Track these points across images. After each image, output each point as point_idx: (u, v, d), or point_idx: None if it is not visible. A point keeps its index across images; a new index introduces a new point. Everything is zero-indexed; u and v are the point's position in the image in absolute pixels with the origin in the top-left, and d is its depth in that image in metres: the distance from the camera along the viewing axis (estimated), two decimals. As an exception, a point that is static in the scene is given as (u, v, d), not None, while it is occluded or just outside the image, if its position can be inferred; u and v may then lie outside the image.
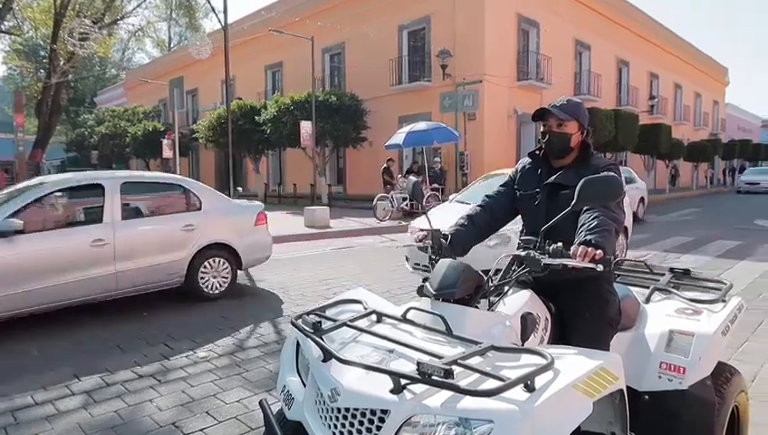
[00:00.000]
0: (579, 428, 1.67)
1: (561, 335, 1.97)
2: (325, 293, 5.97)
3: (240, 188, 15.08)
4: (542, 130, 2.12)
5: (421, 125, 14.37)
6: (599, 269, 1.60)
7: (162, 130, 27.28)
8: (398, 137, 14.35)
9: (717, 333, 2.12)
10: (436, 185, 15.20)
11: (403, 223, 13.23)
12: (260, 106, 21.52)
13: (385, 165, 15.78)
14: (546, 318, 1.90)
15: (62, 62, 18.37)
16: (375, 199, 13.86)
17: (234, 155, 23.53)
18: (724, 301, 2.38)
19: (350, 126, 19.77)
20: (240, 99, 23.78)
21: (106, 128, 31.76)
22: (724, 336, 2.18)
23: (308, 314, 1.71)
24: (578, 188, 1.68)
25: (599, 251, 1.63)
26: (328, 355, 1.46)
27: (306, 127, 17.86)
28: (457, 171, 15.54)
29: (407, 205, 14.34)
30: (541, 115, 2.09)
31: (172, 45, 47.86)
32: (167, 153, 14.44)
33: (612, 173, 1.77)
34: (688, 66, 35.74)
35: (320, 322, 1.58)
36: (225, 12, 10.65)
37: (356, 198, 20.70)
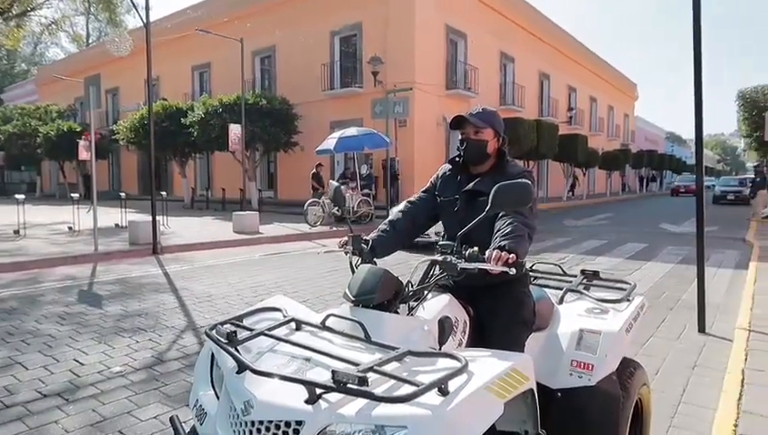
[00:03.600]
0: (494, 428, 1.73)
1: (479, 337, 2.02)
2: (252, 301, 5.81)
3: (164, 193, 14.41)
4: (460, 137, 2.17)
5: (352, 131, 14.40)
6: (511, 272, 1.66)
7: (79, 130, 25.54)
8: (330, 142, 14.30)
9: (622, 330, 2.26)
10: (367, 190, 15.27)
11: (334, 228, 13.18)
12: (186, 108, 20.71)
13: (314, 170, 15.67)
14: (465, 321, 1.95)
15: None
16: (306, 205, 13.72)
17: (158, 158, 22.52)
18: (628, 300, 2.54)
19: (281, 130, 19.47)
20: (165, 99, 22.78)
21: (14, 127, 29.24)
22: (628, 333, 2.32)
23: (223, 323, 1.65)
24: (491, 194, 1.74)
25: (512, 255, 1.69)
26: (242, 367, 1.41)
27: (235, 130, 17.40)
28: (388, 177, 15.69)
29: (338, 210, 14.27)
30: (458, 123, 2.14)
31: (91, 41, 45.10)
32: (83, 155, 13.48)
33: (525, 180, 1.84)
34: (602, 81, 38.32)
35: (235, 332, 1.53)
36: (146, 8, 10.15)
37: (287, 203, 20.39)
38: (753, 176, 22.38)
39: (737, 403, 3.13)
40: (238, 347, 1.53)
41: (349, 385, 1.22)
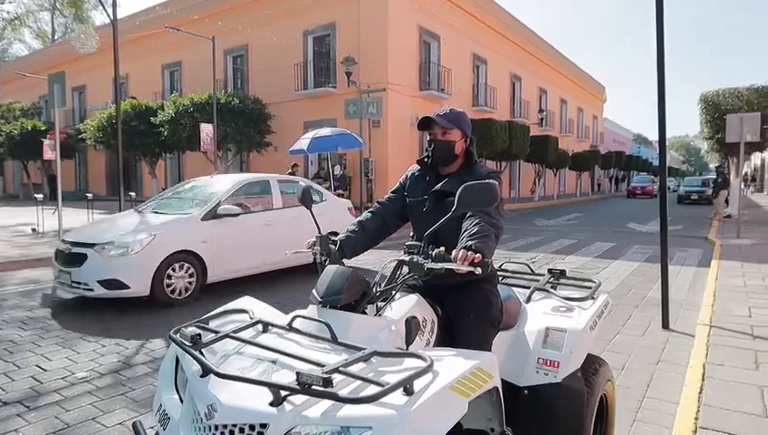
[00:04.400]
0: (461, 426, 1.74)
1: (448, 337, 2.04)
2: (219, 303, 5.72)
3: (133, 193, 14.10)
4: (428, 138, 2.19)
5: (326, 131, 14.33)
6: (477, 272, 1.68)
7: (44, 129, 24.79)
8: (303, 142, 14.19)
9: (586, 328, 2.30)
10: (341, 191, 15.23)
11: (308, 229, 13.08)
12: (156, 107, 20.30)
13: (290, 170, 15.55)
14: (433, 321, 1.96)
15: None
16: (279, 205, 13.59)
17: (127, 158, 22.01)
18: (593, 298, 2.60)
19: (253, 130, 19.25)
20: (134, 98, 22.29)
21: (-26, 125, 28.24)
22: (592, 331, 2.37)
23: (187, 326, 1.63)
24: (457, 194, 1.75)
25: (478, 255, 1.71)
26: (206, 370, 1.39)
27: (207, 130, 17.13)
28: (362, 178, 15.68)
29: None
30: (426, 124, 2.16)
31: (56, 37, 43.78)
32: (48, 154, 13.05)
33: (491, 180, 1.86)
34: (572, 83, 39.07)
35: (199, 334, 1.51)
36: (114, 5, 9.93)
37: (260, 204, 20.15)
38: (715, 176, 23.16)
39: (698, 397, 3.22)
40: (203, 350, 1.51)
41: (313, 387, 1.22)
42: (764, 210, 20.07)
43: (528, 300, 2.59)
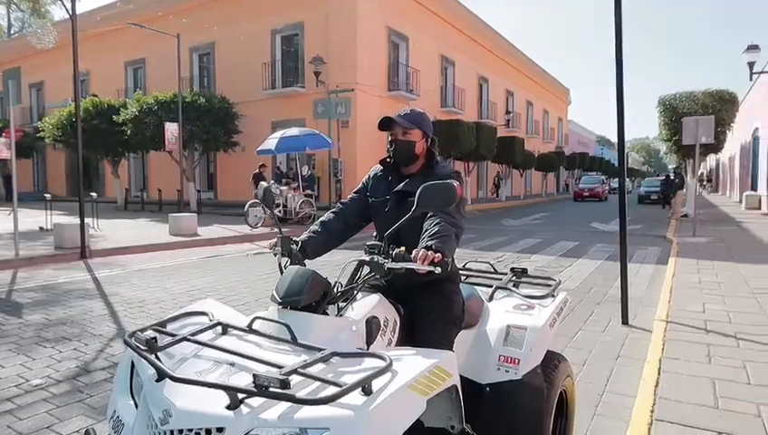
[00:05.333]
0: (422, 424, 1.76)
1: (410, 336, 2.05)
2: (188, 305, 5.61)
3: (94, 194, 13.68)
4: (389, 138, 2.20)
5: (294, 131, 14.25)
6: (437, 271, 1.70)
7: (-1, 126, 23.85)
8: (271, 142, 14.08)
9: (546, 325, 2.36)
10: (309, 191, 15.14)
11: (275, 230, 12.96)
12: (119, 105, 19.79)
13: (257, 171, 15.37)
14: (395, 320, 1.97)
15: None
16: (247, 206, 13.42)
17: (88, 157, 21.36)
18: (553, 296, 2.65)
19: (220, 129, 18.98)
20: (95, 96, 21.65)
21: None
22: (552, 328, 2.43)
23: (144, 329, 1.59)
24: (417, 194, 1.77)
25: (437, 255, 1.72)
26: (161, 374, 1.37)
27: (171, 129, 16.79)
28: (331, 178, 15.63)
29: (280, 211, 14.09)
30: (387, 124, 2.17)
31: (13, 32, 42.11)
32: (3, 154, 12.54)
33: (451, 181, 1.89)
34: (538, 86, 39.88)
35: (155, 338, 1.48)
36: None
37: (228, 204, 19.90)
38: (665, 177, 24.03)
39: (654, 390, 3.33)
40: (159, 354, 1.48)
41: (270, 389, 1.21)
42: (719, 210, 20.89)
43: (491, 299, 2.63)
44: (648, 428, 2.85)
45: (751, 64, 15.81)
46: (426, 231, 1.90)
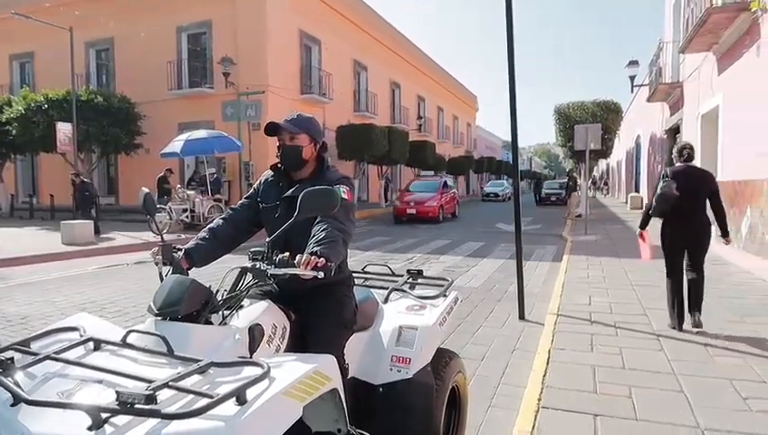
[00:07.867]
0: (310, 430, 1.77)
1: (302, 342, 2.06)
2: (58, 322, 5.21)
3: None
4: (277, 144, 2.19)
5: (201, 133, 13.74)
6: (320, 276, 1.72)
7: None
8: (176, 145, 13.47)
9: (436, 324, 2.45)
10: (219, 196, 14.64)
11: (183, 236, 12.41)
12: (2, 102, 18.00)
13: (161, 174, 14.62)
14: (284, 326, 1.96)
15: None
16: (150, 212, 12.70)
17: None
18: (444, 295, 2.77)
19: (121, 130, 17.84)
20: (-28, 92, 19.55)
21: None
22: (441, 326, 2.53)
23: (2, 350, 1.47)
24: (299, 199, 1.79)
25: (321, 260, 1.74)
26: (16, 398, 1.27)
27: (64, 129, 15.55)
28: (242, 182, 15.21)
29: (187, 217, 13.51)
30: (274, 129, 2.16)
31: None
32: None
33: (336, 186, 1.92)
34: (448, 92, 41.35)
35: (11, 358, 1.37)
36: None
37: (131, 210, 18.70)
38: (565, 180, 25.80)
39: (542, 379, 3.58)
40: (18, 375, 1.38)
41: (136, 405, 1.17)
42: (608, 210, 22.75)
43: (386, 300, 2.69)
44: (535, 415, 3.06)
45: (632, 78, 17.44)
46: (313, 237, 1.92)
